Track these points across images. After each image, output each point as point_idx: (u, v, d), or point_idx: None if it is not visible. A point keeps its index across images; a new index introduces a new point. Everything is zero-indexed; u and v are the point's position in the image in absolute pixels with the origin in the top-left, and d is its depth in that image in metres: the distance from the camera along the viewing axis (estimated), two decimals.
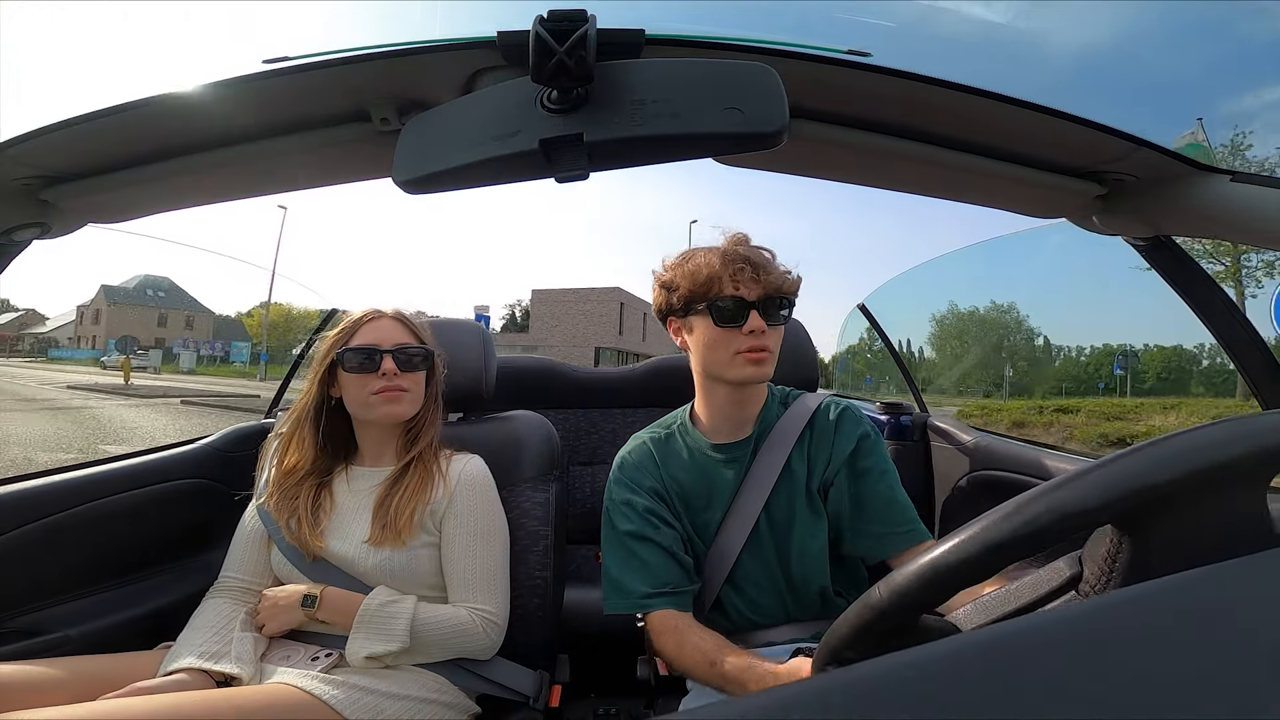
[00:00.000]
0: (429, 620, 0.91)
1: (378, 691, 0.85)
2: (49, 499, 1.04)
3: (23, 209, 0.82)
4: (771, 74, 0.46)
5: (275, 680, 0.84)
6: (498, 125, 0.48)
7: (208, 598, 0.98)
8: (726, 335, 0.92)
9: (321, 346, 1.02)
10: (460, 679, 0.94)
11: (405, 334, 1.03)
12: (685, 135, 0.46)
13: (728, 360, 0.93)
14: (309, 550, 0.96)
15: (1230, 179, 0.77)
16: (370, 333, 1.01)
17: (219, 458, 1.33)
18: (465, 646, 0.94)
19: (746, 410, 1.00)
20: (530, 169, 0.48)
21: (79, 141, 0.74)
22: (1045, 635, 0.20)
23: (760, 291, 0.91)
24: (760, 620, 0.95)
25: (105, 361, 34.24)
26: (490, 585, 0.98)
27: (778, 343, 0.94)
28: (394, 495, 0.98)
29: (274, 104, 0.71)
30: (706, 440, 1.01)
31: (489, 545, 1.00)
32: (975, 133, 0.79)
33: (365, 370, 0.99)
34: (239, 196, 0.91)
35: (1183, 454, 0.32)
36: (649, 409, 1.92)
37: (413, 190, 0.51)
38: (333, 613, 0.91)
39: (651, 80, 0.47)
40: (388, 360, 1.00)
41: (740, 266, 0.91)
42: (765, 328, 0.91)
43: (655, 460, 1.01)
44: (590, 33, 0.44)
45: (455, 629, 0.93)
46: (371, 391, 0.99)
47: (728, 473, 0.98)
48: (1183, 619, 0.21)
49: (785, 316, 0.94)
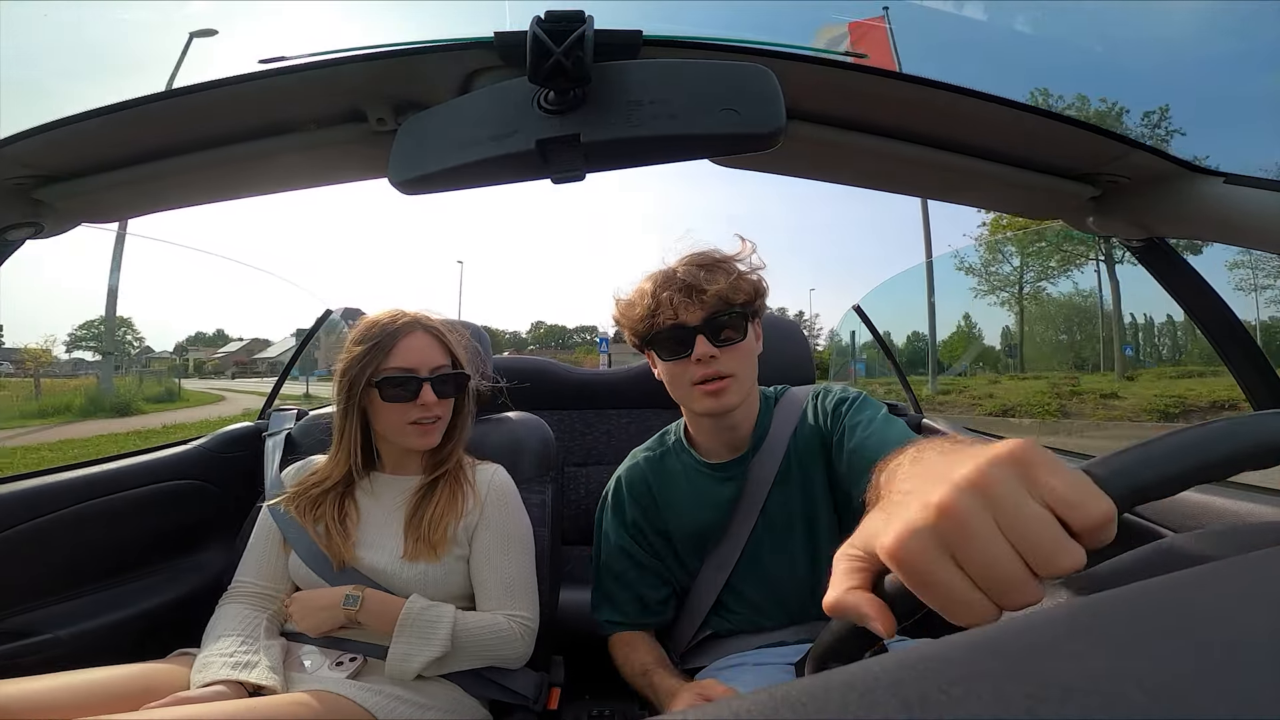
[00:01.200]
0: (469, 626, 0.90)
1: (410, 700, 0.85)
2: (40, 500, 1.03)
3: (16, 208, 0.81)
4: (768, 75, 0.46)
5: (312, 687, 0.82)
6: (494, 126, 0.48)
7: (224, 603, 0.96)
8: (678, 367, 0.88)
9: (352, 363, 0.95)
10: (475, 686, 0.93)
11: (442, 353, 0.98)
12: (682, 136, 0.46)
13: (686, 394, 0.89)
14: (339, 560, 0.93)
15: (1223, 181, 0.77)
16: (408, 354, 0.95)
17: (211, 459, 1.32)
18: (502, 653, 0.92)
19: (739, 430, 0.96)
20: (527, 169, 0.48)
21: (74, 141, 0.73)
22: (1047, 632, 0.20)
23: (703, 313, 0.85)
24: (764, 623, 0.94)
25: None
26: (525, 592, 0.97)
27: (741, 361, 0.88)
28: (426, 509, 0.96)
29: (270, 104, 0.71)
30: (702, 459, 0.99)
31: (521, 553, 1.00)
32: (970, 134, 0.79)
33: (401, 400, 0.94)
34: (235, 196, 0.90)
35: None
36: (644, 410, 1.92)
37: (408, 190, 0.51)
38: (374, 616, 0.88)
39: (648, 81, 0.47)
40: (427, 390, 0.95)
41: (673, 291, 0.85)
42: (715, 352, 0.85)
43: (649, 485, 1.00)
44: (588, 33, 0.44)
45: (496, 635, 0.92)
46: (408, 421, 0.95)
47: (725, 488, 0.97)
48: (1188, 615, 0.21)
49: (743, 330, 0.88)
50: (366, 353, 0.94)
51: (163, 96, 0.68)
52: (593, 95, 0.47)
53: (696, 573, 0.98)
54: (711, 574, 0.96)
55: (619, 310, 0.94)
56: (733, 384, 0.87)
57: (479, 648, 0.90)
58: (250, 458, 1.40)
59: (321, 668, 0.88)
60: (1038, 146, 0.81)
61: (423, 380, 0.95)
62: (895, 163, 0.84)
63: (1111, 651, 0.18)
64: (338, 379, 0.97)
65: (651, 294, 0.87)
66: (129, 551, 1.16)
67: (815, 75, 0.69)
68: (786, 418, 0.98)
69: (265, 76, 0.66)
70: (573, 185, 0.50)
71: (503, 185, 0.54)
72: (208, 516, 1.27)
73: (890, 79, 0.69)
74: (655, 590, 0.98)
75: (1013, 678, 0.18)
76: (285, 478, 1.06)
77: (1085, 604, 0.21)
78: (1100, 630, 0.20)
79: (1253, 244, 0.80)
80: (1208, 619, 0.20)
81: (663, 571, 0.99)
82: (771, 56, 0.66)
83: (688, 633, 0.98)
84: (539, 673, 1.02)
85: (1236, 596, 0.22)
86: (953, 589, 0.30)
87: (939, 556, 0.30)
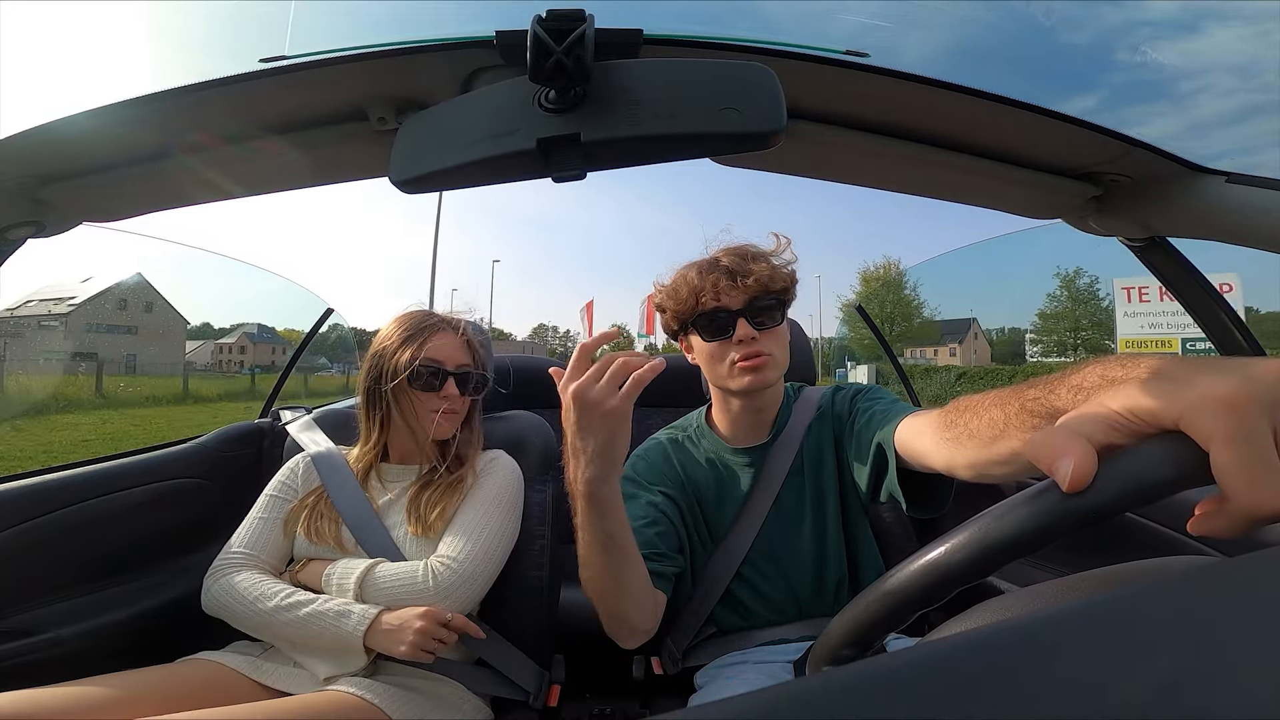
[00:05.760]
0: (377, 575, 0.91)
1: (418, 698, 0.87)
2: (40, 498, 1.04)
3: (17, 207, 0.81)
4: (769, 74, 0.46)
5: (324, 685, 0.85)
6: (495, 124, 0.48)
7: (240, 570, 0.96)
8: (719, 348, 0.92)
9: (385, 352, 1.01)
10: (475, 681, 0.94)
11: (467, 354, 1.05)
12: (682, 135, 0.46)
13: (726, 372, 0.93)
14: (344, 550, 0.97)
15: (1225, 180, 0.77)
16: (438, 349, 1.01)
17: (213, 457, 1.32)
18: (405, 596, 0.90)
19: (764, 414, 1.00)
20: (527, 168, 0.48)
21: (75, 140, 0.73)
22: (1049, 631, 0.20)
23: (744, 297, 0.90)
24: (772, 616, 0.95)
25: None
26: (468, 539, 0.95)
27: (778, 343, 0.93)
28: (426, 491, 1.00)
29: (271, 103, 0.71)
30: (725, 445, 1.01)
31: (488, 512, 0.99)
32: (972, 134, 0.79)
33: (429, 389, 1.00)
34: (235, 196, 0.90)
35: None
36: (645, 409, 1.92)
37: (409, 190, 0.51)
38: (311, 577, 0.95)
39: (649, 80, 0.47)
40: (450, 384, 1.01)
41: (718, 277, 0.90)
42: (755, 334, 0.90)
43: (672, 461, 1.02)
44: (588, 32, 0.44)
45: (399, 581, 0.91)
46: (430, 409, 1.00)
47: (744, 475, 0.99)
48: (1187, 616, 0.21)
49: (779, 316, 0.93)
50: (399, 345, 1.00)
51: (163, 96, 0.68)
52: (593, 94, 0.46)
53: (706, 564, 0.98)
54: (721, 565, 0.97)
55: (663, 294, 0.97)
56: (771, 361, 0.92)
57: (379, 594, 0.90)
58: (251, 455, 1.40)
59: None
60: (1039, 145, 0.81)
61: (449, 374, 1.01)
62: (895, 162, 0.84)
63: (1111, 651, 0.18)
64: (366, 366, 1.03)
65: (696, 278, 0.92)
66: (130, 550, 1.16)
67: (816, 74, 0.69)
68: (804, 411, 1.01)
69: (265, 76, 0.66)
70: (573, 185, 0.50)
71: (504, 184, 0.54)
72: (208, 514, 1.27)
73: (891, 78, 0.69)
74: (670, 546, 0.91)
75: (1013, 678, 0.18)
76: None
77: (1085, 604, 0.21)
78: (1100, 630, 0.20)
79: (1254, 243, 0.80)
80: (1207, 619, 0.20)
81: (682, 538, 0.95)
82: (773, 55, 0.66)
83: (692, 628, 0.98)
84: (539, 668, 1.02)
85: (1236, 596, 0.22)
86: (1269, 455, 0.28)
87: (1270, 417, 0.28)
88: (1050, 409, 0.46)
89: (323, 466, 1.05)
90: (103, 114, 0.69)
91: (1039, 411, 0.48)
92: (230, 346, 34.70)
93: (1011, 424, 0.51)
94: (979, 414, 0.56)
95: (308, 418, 1.23)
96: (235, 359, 33.55)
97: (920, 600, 0.38)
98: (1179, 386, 0.30)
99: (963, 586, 0.36)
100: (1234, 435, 0.28)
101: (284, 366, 1.93)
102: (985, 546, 0.34)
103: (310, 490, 1.04)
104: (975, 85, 0.70)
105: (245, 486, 1.27)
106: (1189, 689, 0.17)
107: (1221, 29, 57.52)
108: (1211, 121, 50.88)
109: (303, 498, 1.03)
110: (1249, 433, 0.28)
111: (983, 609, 0.41)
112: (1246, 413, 0.28)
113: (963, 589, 0.36)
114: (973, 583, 0.35)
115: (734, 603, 0.97)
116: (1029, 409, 0.49)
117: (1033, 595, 0.39)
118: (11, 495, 1.01)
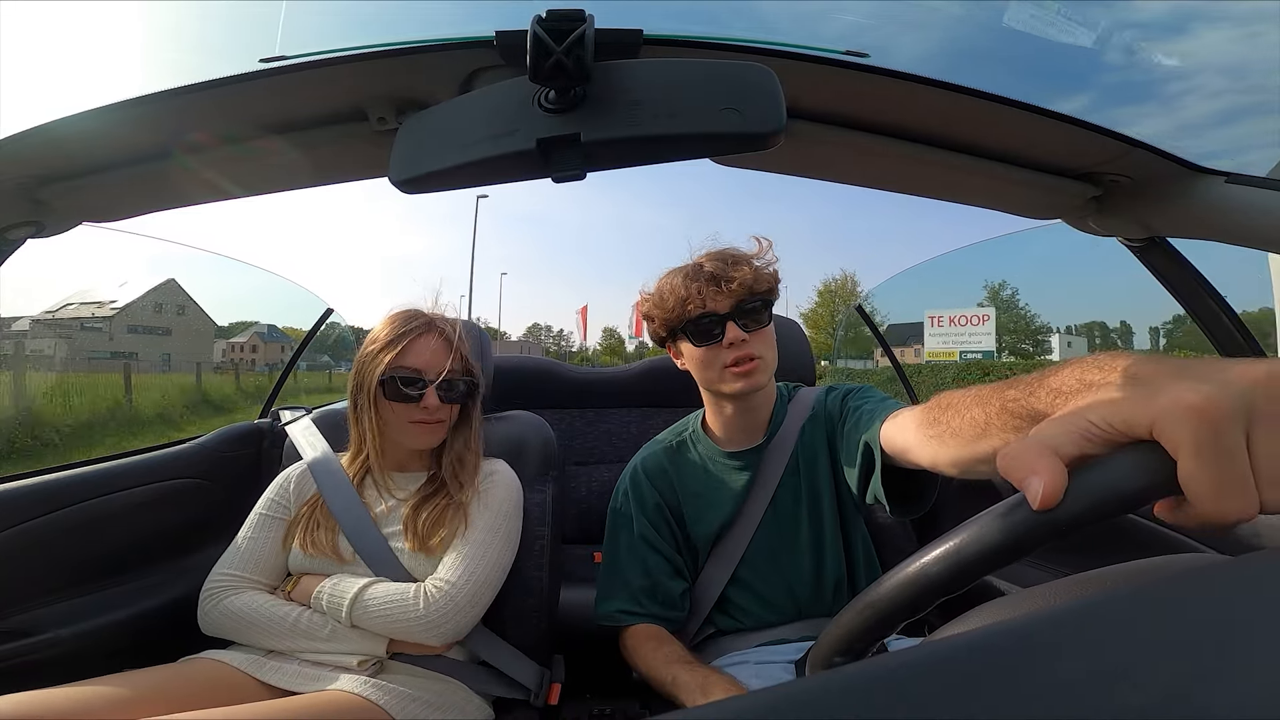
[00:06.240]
0: (366, 597, 0.89)
1: (423, 699, 0.86)
2: (40, 498, 1.03)
3: (17, 208, 0.81)
4: (769, 74, 0.46)
5: (330, 686, 0.84)
6: (495, 124, 0.48)
7: (240, 593, 0.95)
8: (710, 353, 0.93)
9: (365, 359, 0.97)
10: (477, 681, 0.94)
11: (453, 358, 0.99)
12: (682, 135, 0.46)
13: (718, 376, 0.93)
14: (341, 560, 0.96)
15: (1225, 180, 0.77)
16: (418, 355, 0.96)
17: (212, 457, 1.32)
18: (399, 623, 0.88)
19: (758, 417, 1.01)
20: (527, 168, 0.48)
21: (74, 140, 0.73)
22: (1049, 631, 0.20)
23: (730, 301, 0.91)
24: (770, 618, 0.96)
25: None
26: (466, 561, 0.92)
27: (766, 344, 0.94)
28: (424, 509, 0.97)
29: (271, 103, 0.71)
30: (719, 449, 1.02)
31: (486, 530, 0.97)
32: (971, 134, 0.79)
33: (406, 401, 0.96)
34: (234, 195, 0.90)
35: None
36: (645, 409, 1.92)
37: (409, 190, 0.51)
38: (302, 594, 0.94)
39: (649, 80, 0.47)
40: (430, 394, 0.96)
41: (703, 283, 0.91)
42: (745, 336, 0.90)
43: (668, 473, 1.02)
44: (588, 33, 0.44)
45: (392, 604, 0.88)
46: (410, 420, 0.97)
47: (740, 477, 0.99)
48: (1187, 616, 0.21)
49: (766, 317, 0.94)
50: (379, 351, 0.96)
51: (163, 96, 0.68)
52: (593, 94, 0.46)
53: (703, 568, 0.99)
54: (717, 568, 0.97)
55: (650, 302, 0.97)
56: (761, 364, 0.93)
57: (371, 619, 0.88)
58: (251, 456, 1.40)
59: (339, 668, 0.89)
60: (1039, 145, 0.81)
61: (428, 383, 0.96)
62: (895, 162, 0.84)
63: (1111, 652, 0.18)
64: (351, 373, 1.00)
65: (682, 285, 0.92)
66: (129, 550, 1.16)
67: (816, 75, 0.69)
68: (798, 412, 1.01)
69: (265, 76, 0.66)
70: (572, 185, 0.50)
71: (504, 184, 0.54)
72: (208, 515, 1.27)
73: (891, 78, 0.69)
74: (673, 582, 0.98)
75: (1013, 678, 0.18)
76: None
77: (1085, 604, 0.21)
78: (1100, 630, 0.20)
79: (1254, 244, 0.80)
80: (1207, 619, 0.20)
81: (679, 564, 0.99)
82: (773, 55, 0.66)
83: (690, 630, 0.98)
84: (540, 667, 1.02)
85: (1236, 596, 0.22)
86: (1237, 464, 0.28)
87: (1242, 424, 0.28)
88: (1030, 411, 0.47)
89: (319, 472, 1.03)
90: (102, 114, 0.69)
91: (1019, 413, 0.48)
92: (242, 345, 34.72)
93: (993, 424, 0.51)
94: (960, 412, 0.56)
95: (308, 418, 1.23)
96: (248, 357, 33.60)
97: (906, 610, 0.38)
98: (1152, 393, 0.30)
99: (945, 597, 0.36)
100: (1201, 444, 0.28)
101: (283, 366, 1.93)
102: (961, 559, 0.34)
103: (305, 501, 1.02)
104: (975, 85, 0.70)
105: (245, 487, 1.27)
106: (1189, 689, 0.17)
107: (1210, 30, 57.43)
108: (1199, 122, 50.88)
109: (297, 511, 1.01)
110: (1217, 441, 0.28)
111: (983, 609, 0.42)
112: (1216, 420, 0.28)
113: (949, 597, 0.36)
114: (955, 593, 0.36)
115: (732, 604, 0.97)
116: (1010, 409, 0.49)
117: (1033, 595, 0.40)
118: (11, 495, 1.01)
